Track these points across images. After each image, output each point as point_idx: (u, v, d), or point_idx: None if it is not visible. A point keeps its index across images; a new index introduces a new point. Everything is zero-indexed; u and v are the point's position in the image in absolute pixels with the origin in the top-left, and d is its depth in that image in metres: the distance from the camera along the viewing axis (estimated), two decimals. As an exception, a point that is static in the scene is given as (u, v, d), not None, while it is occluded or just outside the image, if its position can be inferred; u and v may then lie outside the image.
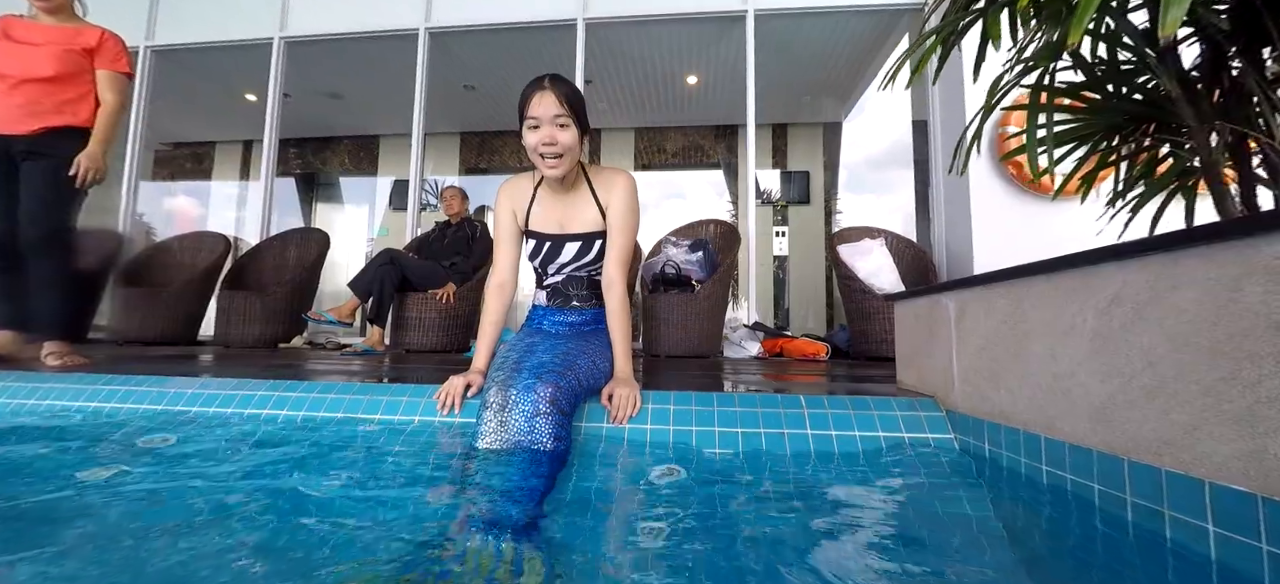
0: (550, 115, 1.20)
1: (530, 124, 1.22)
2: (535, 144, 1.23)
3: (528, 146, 1.25)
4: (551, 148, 1.22)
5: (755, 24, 3.53)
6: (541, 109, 1.20)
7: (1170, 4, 0.57)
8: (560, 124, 1.21)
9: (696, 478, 1.00)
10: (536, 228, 1.36)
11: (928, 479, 0.99)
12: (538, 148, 1.22)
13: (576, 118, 1.22)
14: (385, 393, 1.35)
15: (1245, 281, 0.56)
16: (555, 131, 1.21)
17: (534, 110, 1.21)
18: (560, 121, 1.21)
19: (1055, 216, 2.57)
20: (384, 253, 3.07)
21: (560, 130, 1.21)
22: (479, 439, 1.06)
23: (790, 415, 1.17)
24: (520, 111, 1.24)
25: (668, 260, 2.82)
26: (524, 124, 1.23)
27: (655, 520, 0.83)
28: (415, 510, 0.84)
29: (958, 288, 1.11)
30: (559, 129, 1.21)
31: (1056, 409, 0.82)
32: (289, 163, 6.13)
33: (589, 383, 1.21)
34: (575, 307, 1.41)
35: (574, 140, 1.23)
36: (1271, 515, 0.53)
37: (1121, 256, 0.71)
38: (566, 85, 1.22)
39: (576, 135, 1.24)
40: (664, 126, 5.68)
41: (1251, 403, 0.55)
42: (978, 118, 1.12)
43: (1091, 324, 0.76)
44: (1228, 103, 1.04)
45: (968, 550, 0.72)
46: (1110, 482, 0.72)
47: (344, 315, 3.01)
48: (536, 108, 1.20)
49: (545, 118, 1.20)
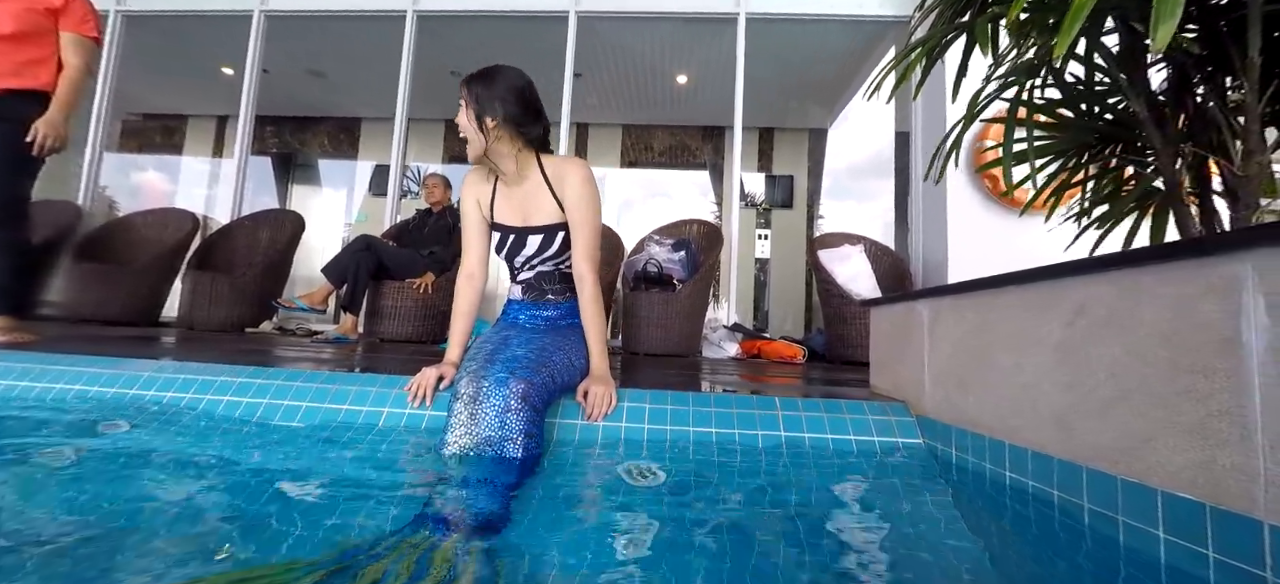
0: (459, 102, 1.24)
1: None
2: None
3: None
4: (461, 130, 1.25)
5: (746, 27, 3.54)
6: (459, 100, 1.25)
7: (1161, 20, 0.59)
8: (460, 106, 1.24)
9: (670, 478, 1.00)
10: (500, 220, 1.35)
11: (897, 483, 1.00)
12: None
13: (475, 102, 1.22)
14: (354, 383, 1.32)
15: (1201, 299, 0.58)
16: (459, 115, 1.24)
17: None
18: (460, 103, 1.24)
19: (1027, 230, 2.63)
20: (361, 239, 3.00)
21: (460, 113, 1.24)
22: (448, 432, 1.05)
23: (765, 417, 1.17)
24: None
25: (650, 258, 2.82)
26: None
27: (627, 521, 0.82)
28: (377, 507, 0.82)
29: (931, 296, 1.13)
30: (460, 112, 1.24)
31: (1021, 417, 0.84)
32: (265, 141, 5.96)
33: (564, 379, 1.20)
34: (550, 300, 1.39)
35: (467, 124, 1.23)
36: (1218, 524, 0.55)
37: (1086, 271, 0.73)
38: (480, 72, 1.25)
39: (470, 119, 1.23)
40: (652, 125, 5.67)
41: (1203, 416, 0.57)
42: (957, 128, 1.14)
43: (1056, 335, 0.78)
44: (1192, 127, 1.07)
45: (932, 554, 0.73)
46: (1069, 488, 0.74)
47: (316, 301, 2.94)
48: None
49: (458, 106, 1.25)
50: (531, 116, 1.27)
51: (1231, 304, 0.55)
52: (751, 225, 5.51)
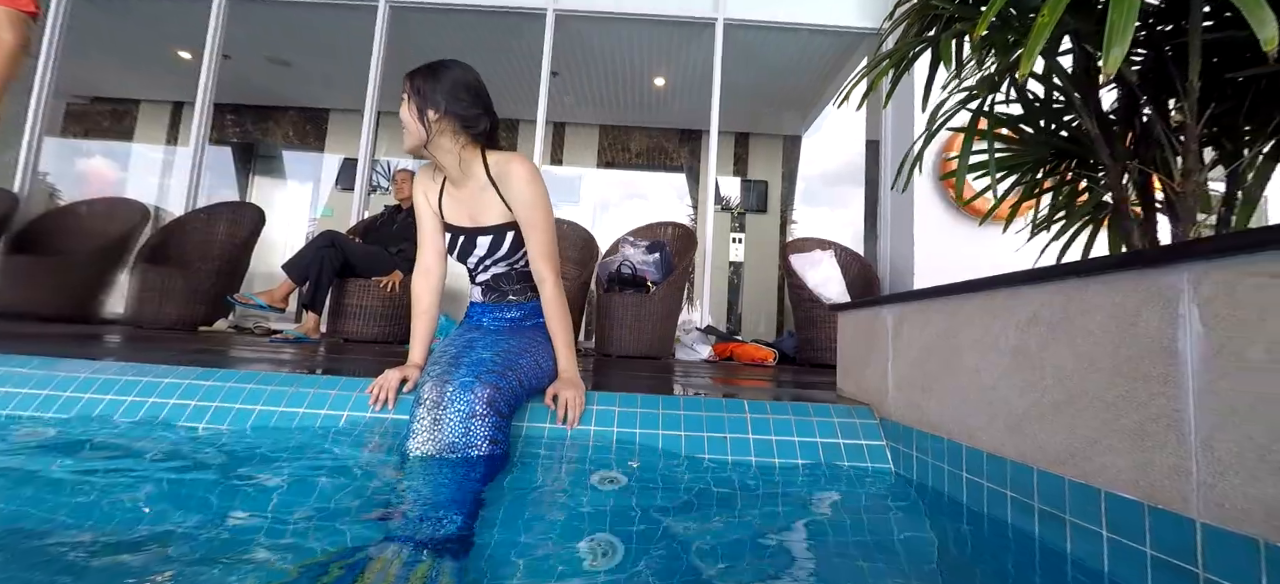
0: (401, 94, 1.21)
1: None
2: None
3: None
4: (401, 120, 1.21)
5: (724, 33, 3.58)
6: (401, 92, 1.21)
7: (1112, 45, 0.62)
8: (401, 98, 1.21)
9: (638, 483, 0.99)
10: (449, 220, 1.31)
11: (861, 487, 1.03)
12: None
13: (417, 95, 1.18)
14: (312, 385, 1.27)
15: (1144, 309, 0.61)
16: (401, 107, 1.21)
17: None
18: (402, 95, 1.20)
19: (989, 239, 2.74)
20: (325, 235, 2.91)
21: (401, 104, 1.21)
22: (411, 439, 1.02)
23: (733, 420, 1.18)
24: None
25: (624, 260, 2.82)
26: None
27: (595, 528, 0.81)
28: (335, 517, 0.79)
29: (897, 302, 1.16)
30: (401, 104, 1.21)
31: (978, 420, 0.87)
32: (225, 130, 5.71)
33: (532, 383, 1.18)
34: (512, 301, 1.36)
35: (407, 116, 1.19)
36: (1155, 522, 0.58)
37: (1039, 280, 0.76)
38: (426, 66, 1.21)
39: (411, 111, 1.18)
40: (629, 126, 5.68)
41: (1142, 419, 0.60)
42: (921, 139, 1.18)
43: (1012, 341, 0.80)
44: (1138, 145, 1.13)
45: (888, 557, 0.75)
46: (1021, 489, 0.77)
47: (276, 300, 2.84)
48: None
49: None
50: (477, 112, 1.21)
51: (1169, 314, 0.58)
52: (726, 229, 5.57)
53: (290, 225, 5.68)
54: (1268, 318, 0.50)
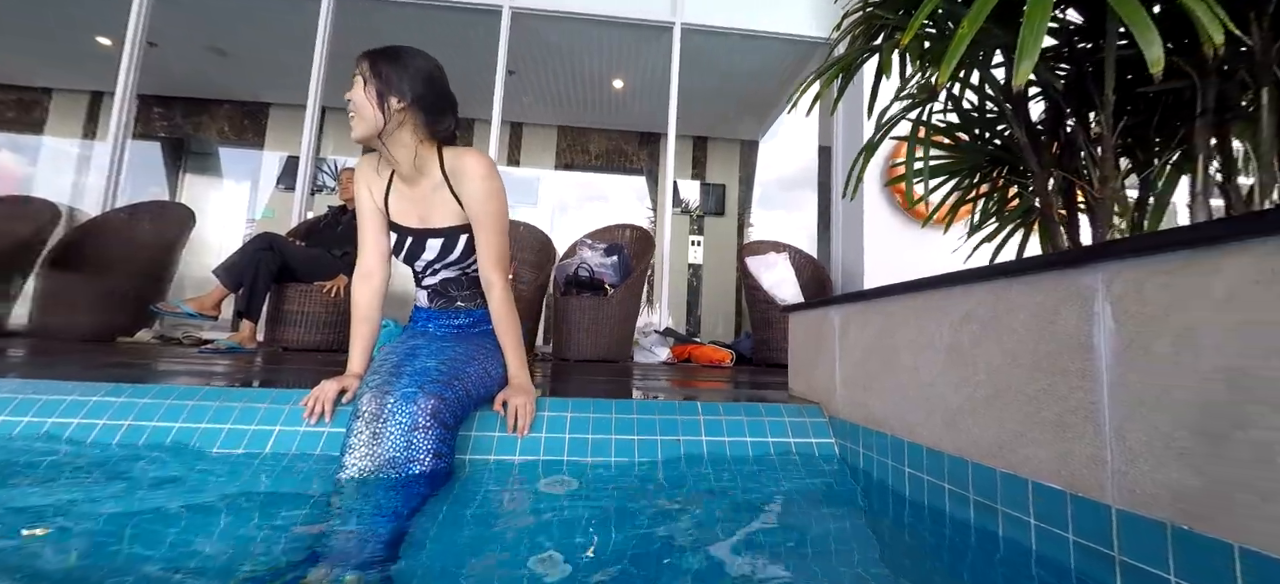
0: (353, 74, 1.11)
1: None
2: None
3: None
4: (349, 105, 1.10)
5: (681, 37, 3.61)
6: (353, 72, 1.12)
7: (1022, 57, 0.65)
8: (354, 79, 1.10)
9: (590, 490, 0.98)
10: (396, 220, 1.23)
11: (810, 484, 1.04)
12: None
13: (378, 78, 1.08)
14: (239, 399, 1.18)
15: (1063, 307, 0.64)
16: (352, 89, 1.10)
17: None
18: (354, 76, 1.10)
19: (934, 242, 2.87)
20: (261, 237, 2.74)
21: (354, 87, 1.10)
22: (346, 454, 0.95)
23: (687, 423, 1.18)
24: None
25: (582, 263, 2.79)
26: None
27: (543, 538, 0.79)
28: (259, 540, 0.74)
29: (843, 303, 1.19)
30: (353, 85, 1.10)
31: (917, 416, 0.90)
32: (151, 123, 5.31)
33: (479, 392, 1.14)
34: (460, 307, 1.30)
35: (363, 100, 1.08)
36: (1076, 509, 0.61)
37: (971, 281, 0.79)
38: (386, 49, 1.13)
39: (369, 95, 1.08)
40: (588, 128, 5.64)
41: (1062, 412, 0.63)
42: (866, 150, 1.22)
43: (947, 339, 0.83)
44: (1063, 154, 1.21)
45: (839, 551, 0.76)
46: (957, 481, 0.80)
47: (206, 307, 2.64)
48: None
49: (351, 78, 1.11)
50: (442, 107, 1.15)
51: (1086, 311, 0.61)
52: (685, 232, 5.62)
53: (226, 227, 5.34)
54: (1171, 313, 0.53)
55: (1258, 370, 0.46)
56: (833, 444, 1.16)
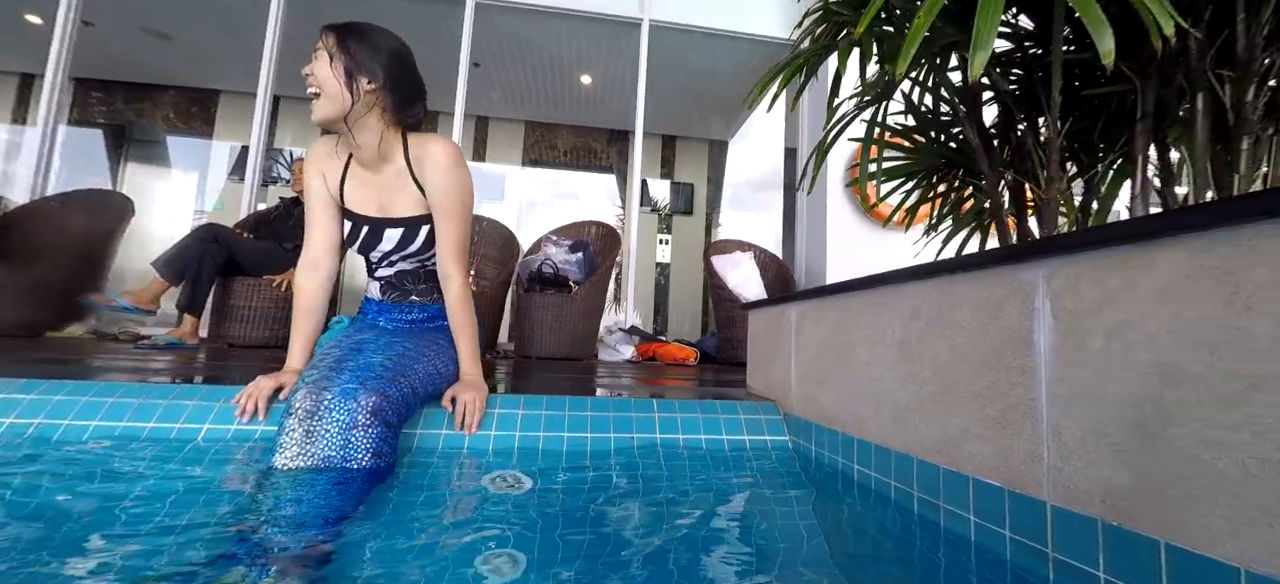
0: (314, 47, 1.03)
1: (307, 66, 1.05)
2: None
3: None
4: (309, 82, 1.03)
5: (650, 34, 3.59)
6: (315, 46, 1.04)
7: (977, 49, 0.64)
8: (316, 55, 1.02)
9: (538, 487, 0.95)
10: (352, 207, 1.17)
11: (761, 481, 1.03)
12: (307, 88, 1.04)
13: (337, 51, 1.02)
14: (165, 396, 1.10)
15: (1007, 303, 0.64)
16: (313, 64, 1.03)
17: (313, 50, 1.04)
18: (318, 52, 1.02)
19: (897, 242, 2.93)
20: (207, 228, 2.60)
21: (317, 63, 1.02)
22: (277, 454, 0.89)
23: (641, 420, 1.15)
24: None
25: (546, 259, 2.74)
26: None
27: (487, 536, 0.76)
28: (177, 545, 0.68)
29: (798, 300, 1.18)
30: (316, 61, 1.02)
31: (867, 412, 0.89)
32: (89, 109, 4.99)
33: (428, 389, 1.09)
34: (414, 301, 1.25)
35: (327, 74, 1.01)
36: (1013, 506, 0.61)
37: (919, 277, 0.78)
38: (352, 23, 1.06)
39: (330, 70, 1.01)
40: (556, 123, 5.57)
41: (1003, 409, 0.63)
42: (824, 142, 1.21)
43: (897, 335, 0.83)
44: (1014, 156, 1.23)
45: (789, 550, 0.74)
46: (904, 479, 0.79)
47: (144, 301, 2.48)
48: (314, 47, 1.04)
49: (312, 53, 1.03)
50: (413, 93, 1.10)
51: (1027, 307, 0.61)
52: (653, 230, 5.60)
53: (173, 219, 5.05)
54: (1106, 309, 0.53)
55: (1187, 366, 0.46)
56: (787, 441, 1.15)
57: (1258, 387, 0.41)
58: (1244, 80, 0.79)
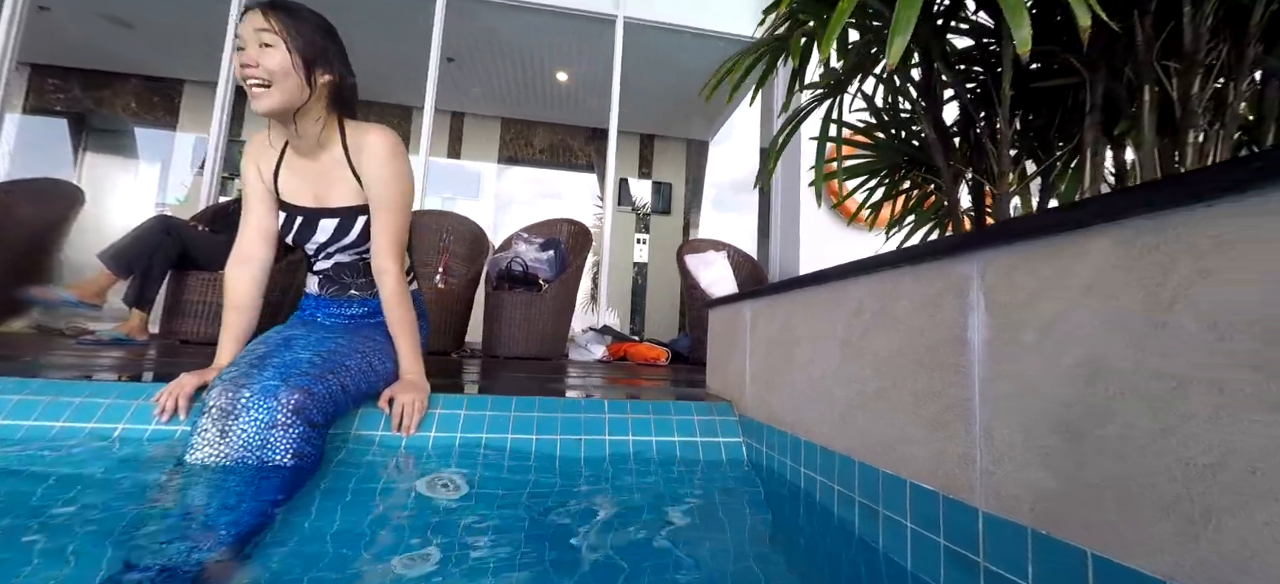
0: (252, 32, 0.95)
1: (236, 47, 0.97)
2: (238, 71, 0.97)
3: (240, 80, 0.99)
4: (253, 72, 0.95)
5: (624, 31, 3.55)
6: (244, 27, 0.96)
7: (896, 34, 0.61)
8: (264, 44, 0.95)
9: (477, 491, 0.90)
10: (287, 197, 1.12)
11: (713, 485, 0.99)
12: (241, 74, 0.97)
13: (290, 39, 0.96)
14: (78, 393, 1.03)
15: (943, 298, 0.61)
16: (256, 52, 0.95)
17: (240, 30, 0.97)
18: (265, 39, 0.95)
19: (869, 241, 2.92)
20: (158, 220, 2.49)
21: (263, 51, 0.95)
22: (189, 453, 0.84)
23: (591, 421, 1.11)
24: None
25: (516, 257, 2.68)
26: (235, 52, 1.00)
27: (417, 542, 0.72)
28: (76, 554, 0.62)
29: (753, 297, 1.15)
30: (262, 50, 0.95)
31: (813, 413, 0.86)
32: (45, 96, 4.79)
33: (361, 387, 1.03)
34: (354, 296, 1.20)
35: (284, 65, 0.95)
36: (948, 512, 0.57)
37: (862, 271, 0.75)
38: (285, 3, 0.99)
39: (290, 61, 0.96)
40: (533, 121, 5.49)
41: (939, 410, 0.60)
42: (776, 140, 1.18)
43: (841, 332, 0.80)
44: (974, 155, 1.21)
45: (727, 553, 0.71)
46: (846, 482, 0.76)
47: (89, 295, 2.37)
48: (241, 27, 0.97)
49: (247, 37, 0.96)
50: (353, 77, 1.07)
51: (962, 302, 0.58)
52: (630, 229, 5.55)
53: (135, 212, 4.88)
54: (1037, 303, 0.50)
55: (1115, 362, 0.43)
56: (740, 443, 1.11)
57: (1183, 387, 0.38)
58: (1190, 72, 0.77)
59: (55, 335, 2.61)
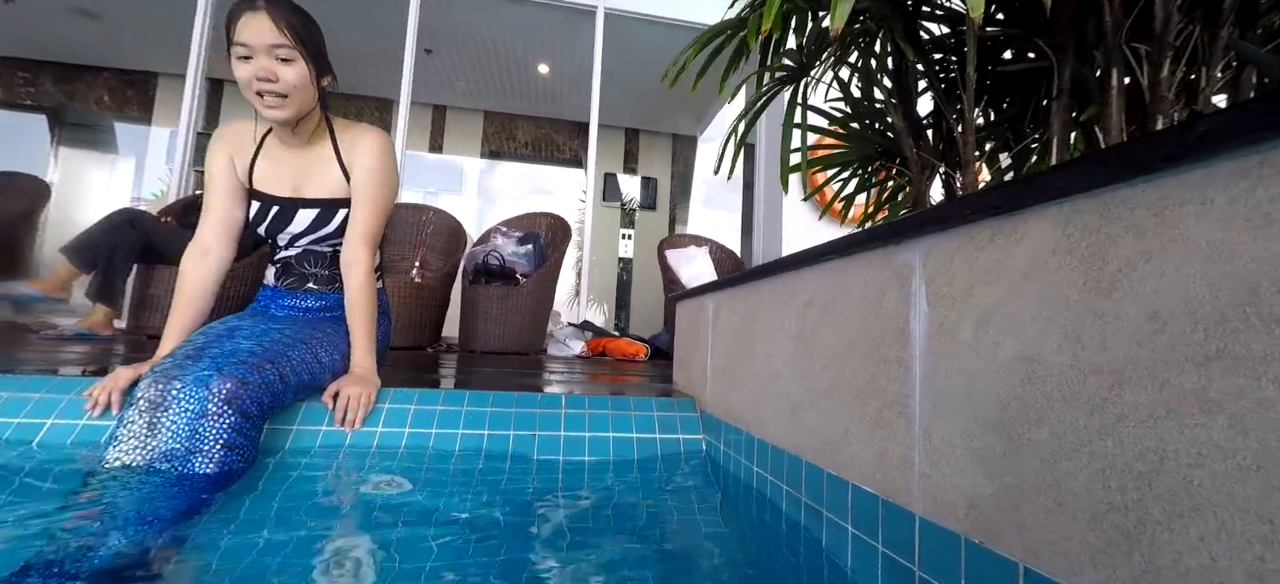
0: (265, 44, 0.95)
1: (239, 54, 0.96)
2: (247, 79, 0.97)
3: (240, 82, 0.99)
4: (270, 86, 0.97)
5: (605, 23, 3.49)
6: (252, 35, 0.95)
7: (837, 4, 0.57)
8: (281, 58, 0.97)
9: (422, 490, 0.86)
10: (262, 187, 1.11)
11: (668, 487, 0.95)
12: (252, 85, 0.97)
13: (306, 50, 0.98)
14: (7, 389, 0.99)
15: (887, 289, 0.57)
16: (274, 66, 0.96)
17: (242, 35, 0.95)
18: (281, 54, 0.96)
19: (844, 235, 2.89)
20: (123, 212, 2.42)
21: (282, 66, 0.97)
22: (112, 447, 0.80)
23: (546, 416, 1.07)
24: (227, 35, 0.98)
25: (493, 250, 2.62)
26: (231, 52, 0.98)
27: (351, 546, 0.70)
28: None
29: (715, 290, 1.11)
30: (280, 64, 0.97)
31: (767, 410, 0.82)
32: (14, 89, 4.67)
33: (301, 379, 0.99)
34: (312, 289, 1.17)
35: (304, 78, 0.99)
36: (887, 516, 0.54)
37: (811, 261, 0.71)
38: (287, 6, 0.98)
39: (308, 73, 1.00)
40: (516, 114, 5.42)
41: (881, 408, 0.56)
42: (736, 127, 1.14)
43: (793, 326, 0.76)
44: (945, 147, 1.18)
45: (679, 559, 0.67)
46: (794, 482, 0.72)
47: (51, 289, 2.31)
48: (246, 32, 0.95)
49: (258, 47, 0.96)
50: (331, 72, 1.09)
51: (905, 293, 0.54)
52: (615, 224, 5.49)
53: (109, 206, 4.77)
54: (975, 291, 0.46)
55: (1050, 357, 0.39)
56: (700, 440, 1.08)
57: (1122, 383, 0.34)
58: (1159, 54, 0.73)
59: (24, 331, 2.54)
